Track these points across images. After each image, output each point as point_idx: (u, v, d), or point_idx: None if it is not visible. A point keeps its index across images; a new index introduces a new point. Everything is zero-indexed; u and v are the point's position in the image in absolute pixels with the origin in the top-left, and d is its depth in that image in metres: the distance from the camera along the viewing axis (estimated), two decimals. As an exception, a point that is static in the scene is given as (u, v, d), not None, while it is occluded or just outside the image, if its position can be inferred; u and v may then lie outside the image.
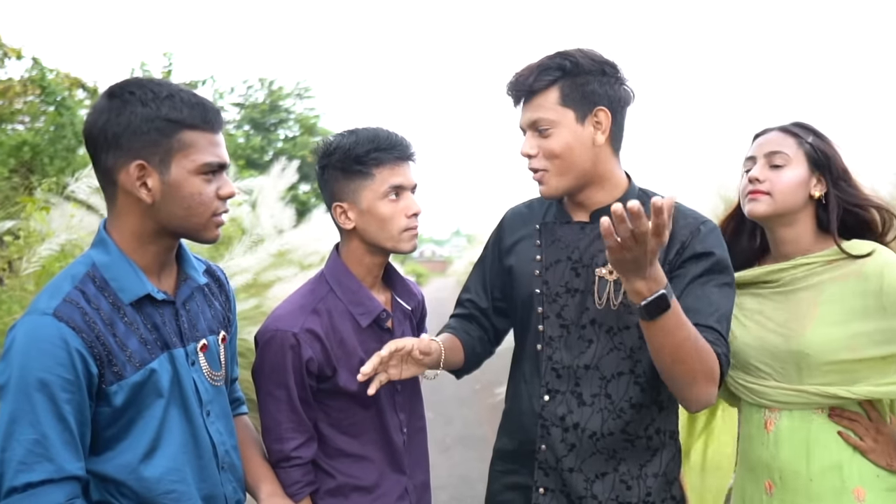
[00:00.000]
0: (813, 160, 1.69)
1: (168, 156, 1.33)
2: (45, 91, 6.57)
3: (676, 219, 1.60)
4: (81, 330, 1.29)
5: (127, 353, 1.34)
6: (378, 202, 1.61)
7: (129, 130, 1.32)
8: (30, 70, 6.62)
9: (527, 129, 1.62)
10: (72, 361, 1.27)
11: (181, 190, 1.35)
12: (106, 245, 1.38)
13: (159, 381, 1.38)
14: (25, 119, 6.73)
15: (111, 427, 1.35)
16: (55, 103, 6.58)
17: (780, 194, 1.67)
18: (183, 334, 1.44)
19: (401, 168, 1.62)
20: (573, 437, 1.61)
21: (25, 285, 3.31)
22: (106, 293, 1.35)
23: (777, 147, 1.70)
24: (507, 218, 1.84)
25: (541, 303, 1.66)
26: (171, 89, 1.37)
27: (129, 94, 1.34)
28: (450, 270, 35.50)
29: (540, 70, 1.58)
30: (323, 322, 1.61)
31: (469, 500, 4.37)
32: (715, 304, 1.54)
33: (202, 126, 1.36)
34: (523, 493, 1.66)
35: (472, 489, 4.46)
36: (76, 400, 1.28)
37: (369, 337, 1.64)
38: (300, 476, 1.60)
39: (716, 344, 1.49)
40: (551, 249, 1.68)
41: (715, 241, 1.59)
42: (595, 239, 1.62)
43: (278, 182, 6.62)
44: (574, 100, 1.57)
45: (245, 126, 15.16)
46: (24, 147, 6.09)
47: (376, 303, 1.65)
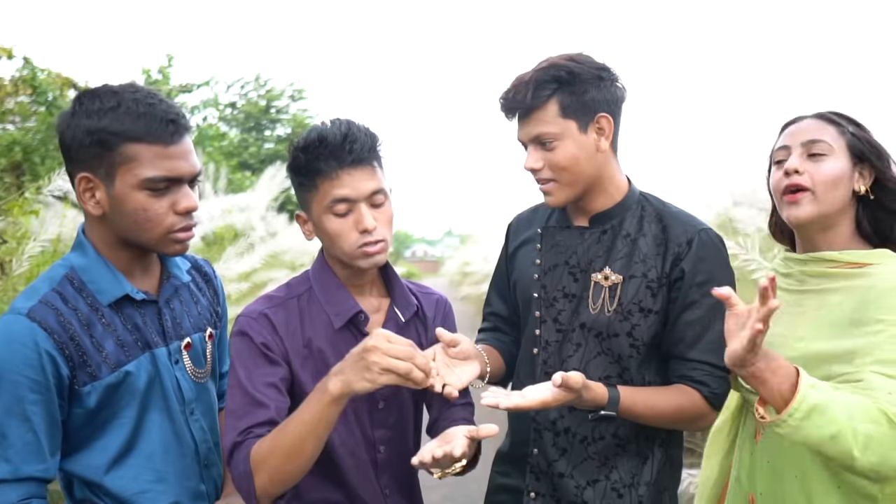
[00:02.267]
0: (856, 151, 1.48)
1: (112, 169, 1.30)
2: (37, 91, 6.54)
3: (671, 227, 1.59)
4: (54, 331, 1.29)
5: (103, 355, 1.34)
6: (323, 217, 1.43)
7: (75, 142, 1.31)
8: (21, 70, 6.59)
9: (528, 143, 1.58)
10: (41, 362, 1.27)
11: (125, 205, 1.32)
12: (84, 248, 1.39)
13: (135, 383, 1.38)
14: (16, 119, 6.70)
15: (86, 427, 1.36)
16: (46, 103, 6.55)
17: (822, 188, 1.46)
18: (166, 333, 1.44)
19: (345, 177, 1.40)
20: (564, 441, 1.60)
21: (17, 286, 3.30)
22: (84, 295, 1.36)
23: (816, 135, 1.49)
24: (513, 224, 1.84)
25: (538, 307, 1.66)
26: (121, 99, 1.31)
27: (80, 104, 1.32)
28: (442, 270, 35.49)
29: (535, 85, 1.53)
30: (288, 317, 1.47)
31: (461, 499, 4.38)
32: (707, 330, 1.54)
33: (146, 139, 1.30)
34: (515, 496, 1.66)
35: (465, 488, 4.46)
36: (44, 400, 1.28)
37: (346, 341, 1.48)
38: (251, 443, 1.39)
39: (701, 382, 1.53)
40: (550, 254, 1.67)
41: (710, 255, 1.57)
42: (593, 244, 1.63)
43: (270, 185, 6.61)
44: (574, 110, 1.54)
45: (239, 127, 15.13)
46: (15, 147, 6.06)
47: (352, 302, 1.49)
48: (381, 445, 1.54)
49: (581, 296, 1.61)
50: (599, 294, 1.59)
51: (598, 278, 1.59)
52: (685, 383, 1.55)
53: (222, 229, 6.10)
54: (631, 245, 1.60)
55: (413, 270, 39.53)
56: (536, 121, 1.55)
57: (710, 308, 1.53)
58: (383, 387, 1.43)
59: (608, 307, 1.58)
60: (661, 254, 1.57)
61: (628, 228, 1.61)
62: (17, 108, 6.51)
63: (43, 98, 6.56)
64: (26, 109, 6.53)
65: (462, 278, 18.22)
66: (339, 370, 1.30)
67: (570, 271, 1.64)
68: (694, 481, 3.21)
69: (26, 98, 6.60)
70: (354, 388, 1.28)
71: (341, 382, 1.28)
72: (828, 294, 1.48)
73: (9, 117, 6.55)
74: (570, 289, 1.63)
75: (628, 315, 1.56)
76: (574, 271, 1.63)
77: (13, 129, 6.45)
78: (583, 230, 1.65)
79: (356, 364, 1.28)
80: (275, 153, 13.87)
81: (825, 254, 1.50)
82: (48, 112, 6.53)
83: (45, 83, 6.62)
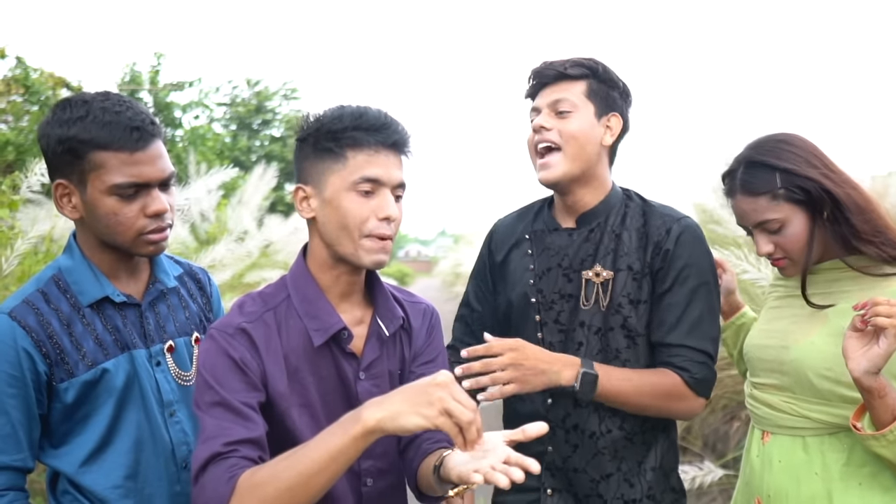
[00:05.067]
0: (798, 201, 1.47)
1: (83, 176, 1.36)
2: (29, 90, 6.53)
3: (651, 219, 1.66)
4: (32, 330, 1.36)
5: (81, 353, 1.40)
6: (343, 193, 1.31)
7: (49, 150, 1.38)
8: (13, 69, 6.58)
9: (545, 108, 1.65)
10: (18, 359, 1.34)
11: (97, 210, 1.38)
12: (71, 251, 1.46)
13: (112, 381, 1.42)
14: (9, 119, 6.68)
15: (65, 423, 1.41)
16: (39, 103, 6.54)
17: (796, 254, 1.51)
18: (147, 335, 1.48)
19: (381, 157, 1.31)
20: (575, 437, 1.65)
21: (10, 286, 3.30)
22: (67, 295, 1.42)
23: (759, 217, 1.51)
24: (497, 230, 1.87)
25: (537, 311, 1.69)
26: (90, 108, 1.36)
27: (53, 114, 1.38)
28: (435, 271, 35.46)
29: (573, 62, 1.65)
30: (268, 333, 1.33)
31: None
32: (684, 314, 1.59)
33: (113, 146, 1.34)
34: (529, 495, 1.69)
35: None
36: (21, 395, 1.35)
37: (325, 359, 1.36)
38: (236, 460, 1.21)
39: (682, 367, 1.58)
40: (543, 257, 1.72)
41: (688, 240, 1.63)
42: (582, 243, 1.68)
43: (260, 184, 6.62)
44: (597, 97, 1.65)
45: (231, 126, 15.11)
46: (8, 147, 6.05)
47: (335, 318, 1.35)
48: (369, 478, 1.41)
49: (577, 295, 1.66)
50: (592, 291, 1.64)
51: (590, 275, 1.65)
52: (667, 368, 1.60)
53: (214, 228, 6.12)
54: (616, 240, 1.66)
55: (406, 270, 39.46)
56: (563, 89, 1.64)
57: (689, 292, 1.60)
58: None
59: (602, 303, 1.63)
60: (643, 245, 1.64)
61: (613, 225, 1.67)
62: (10, 108, 6.49)
63: (36, 98, 6.55)
64: (19, 109, 6.51)
65: (455, 278, 18.25)
66: (382, 400, 1.11)
67: (564, 272, 1.68)
68: (686, 477, 3.25)
69: (19, 97, 6.59)
70: (400, 422, 1.07)
71: (384, 413, 1.08)
72: (838, 296, 1.50)
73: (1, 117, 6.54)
74: (565, 290, 1.68)
75: (619, 308, 1.62)
76: (568, 272, 1.68)
77: (6, 129, 6.44)
78: (571, 231, 1.71)
79: (415, 396, 1.08)
80: (268, 153, 13.86)
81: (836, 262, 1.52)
82: (41, 112, 6.52)
83: (38, 83, 6.61)
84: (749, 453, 1.65)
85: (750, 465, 1.63)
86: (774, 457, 1.55)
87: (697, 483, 3.26)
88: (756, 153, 1.52)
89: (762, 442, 1.60)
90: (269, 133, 15.48)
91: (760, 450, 1.60)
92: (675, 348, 1.60)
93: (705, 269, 1.63)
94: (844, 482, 1.45)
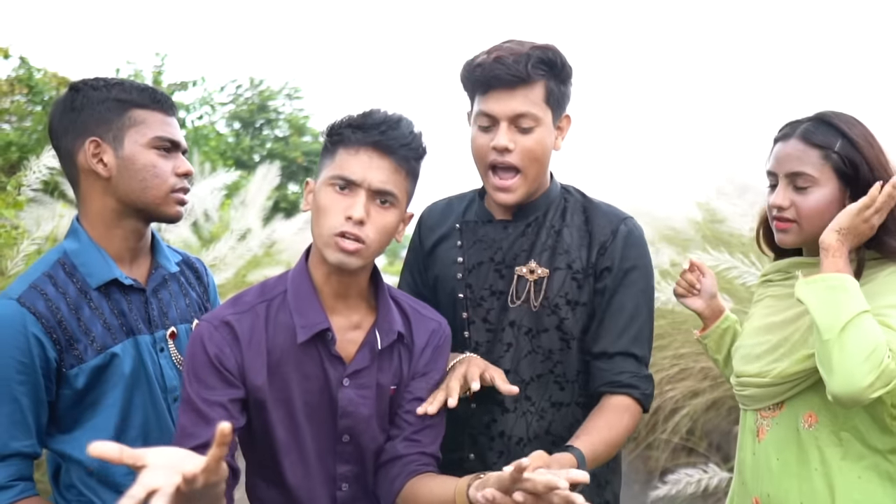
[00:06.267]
0: (843, 172, 1.48)
1: (121, 132, 1.42)
2: (33, 90, 6.53)
3: (596, 218, 1.57)
4: (42, 315, 1.35)
5: (90, 338, 1.40)
6: (324, 189, 1.33)
7: (83, 112, 1.43)
8: (17, 69, 6.58)
9: (503, 120, 1.46)
10: (28, 346, 1.34)
11: (135, 163, 1.43)
12: (77, 234, 1.46)
13: (121, 366, 1.42)
14: (12, 119, 6.69)
15: (75, 409, 1.41)
16: (42, 103, 6.54)
17: (808, 221, 1.49)
18: (151, 321, 1.49)
19: (362, 157, 1.31)
20: (500, 444, 1.57)
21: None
22: (74, 279, 1.42)
23: (798, 166, 1.49)
24: (425, 216, 1.74)
25: (465, 307, 1.58)
26: (121, 79, 1.49)
27: (83, 83, 1.46)
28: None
29: (534, 61, 1.45)
30: (254, 324, 1.35)
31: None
32: (632, 317, 1.52)
33: (151, 105, 1.46)
34: None
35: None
36: (30, 382, 1.35)
37: (310, 358, 1.36)
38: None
39: (630, 385, 1.49)
40: (473, 250, 1.60)
41: (635, 242, 1.56)
42: (518, 237, 1.57)
43: (263, 184, 6.63)
44: (554, 101, 1.50)
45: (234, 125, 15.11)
46: (12, 147, 6.06)
47: (321, 317, 1.34)
48: (344, 482, 1.41)
49: (507, 291, 1.56)
50: (524, 288, 1.54)
51: (523, 272, 1.54)
52: (614, 391, 1.50)
53: (218, 228, 6.12)
54: (555, 237, 1.56)
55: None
56: (524, 97, 1.45)
57: (635, 296, 1.53)
58: (347, 417, 1.37)
59: (533, 302, 1.54)
60: (585, 245, 1.55)
61: (552, 220, 1.57)
62: (14, 108, 6.51)
63: (39, 98, 6.56)
64: (22, 109, 6.52)
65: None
66: None
67: (496, 268, 1.57)
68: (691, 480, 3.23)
69: (22, 97, 6.60)
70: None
71: None
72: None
73: (5, 117, 6.55)
74: (496, 286, 1.56)
75: (555, 309, 1.53)
76: (500, 267, 1.57)
77: (9, 129, 6.45)
78: (506, 224, 1.59)
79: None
80: (270, 152, 13.86)
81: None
82: (44, 112, 6.52)
83: (42, 83, 6.61)
84: (743, 451, 1.63)
85: (745, 464, 1.61)
86: (772, 455, 1.53)
87: (703, 486, 3.20)
88: (830, 114, 1.52)
89: (757, 440, 1.58)
90: (273, 133, 15.48)
91: (756, 448, 1.58)
92: (618, 359, 1.51)
93: (650, 272, 1.57)
94: (844, 476, 1.45)
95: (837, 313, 1.35)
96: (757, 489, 1.56)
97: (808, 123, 1.52)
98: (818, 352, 1.39)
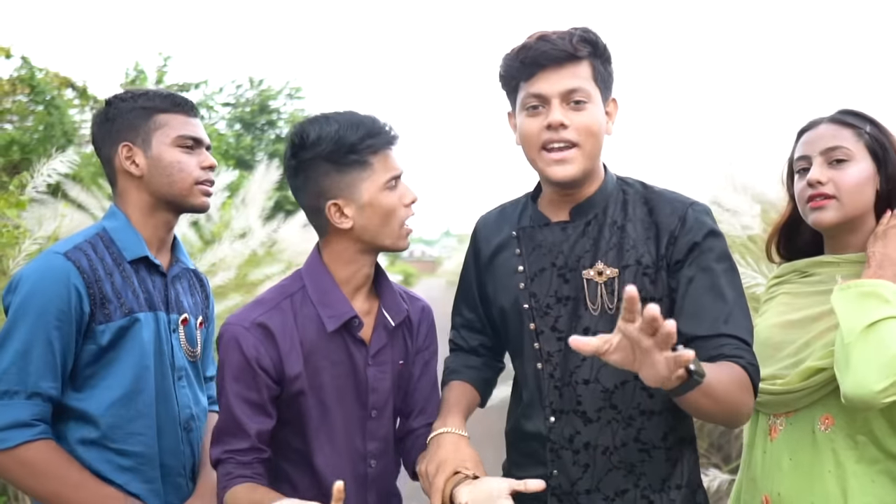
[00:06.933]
0: (875, 152, 1.49)
1: (148, 135, 1.62)
2: (35, 90, 6.55)
3: (661, 207, 1.48)
4: (84, 271, 1.50)
5: (120, 300, 1.54)
6: (380, 195, 1.43)
7: (115, 122, 1.63)
8: (19, 69, 6.60)
9: (555, 98, 1.42)
10: (69, 296, 1.47)
11: (162, 160, 1.61)
12: (116, 215, 1.63)
13: (141, 331, 1.56)
14: (14, 118, 6.71)
15: (93, 365, 1.52)
16: (44, 102, 6.56)
17: (848, 196, 1.47)
18: (169, 304, 1.65)
19: (392, 154, 1.47)
20: (585, 457, 1.47)
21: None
22: (111, 251, 1.58)
23: (834, 141, 1.50)
24: (480, 227, 1.67)
25: (532, 318, 1.51)
26: (147, 89, 1.70)
27: (114, 97, 1.67)
28: (440, 271, 35.50)
29: (580, 38, 1.42)
30: (284, 319, 1.44)
31: None
32: (724, 302, 1.40)
33: (173, 109, 1.65)
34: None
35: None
36: (65, 329, 1.47)
37: (337, 345, 1.47)
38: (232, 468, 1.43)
39: (737, 356, 1.34)
40: (534, 257, 1.53)
41: (707, 225, 1.45)
42: (579, 238, 1.49)
43: (264, 183, 6.64)
44: (602, 80, 1.45)
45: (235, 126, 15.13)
46: (13, 147, 6.08)
47: (347, 307, 1.46)
48: (373, 459, 1.51)
49: (576, 297, 1.47)
50: (596, 292, 1.46)
51: (591, 275, 1.46)
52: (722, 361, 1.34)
53: (218, 227, 6.12)
54: (620, 233, 1.47)
55: (411, 270, 39.48)
56: (573, 74, 1.41)
57: (719, 275, 1.42)
58: (374, 394, 1.50)
59: (608, 305, 1.45)
60: (651, 237, 1.46)
61: (613, 216, 1.49)
62: (15, 108, 6.52)
63: (41, 97, 6.57)
64: (24, 109, 6.54)
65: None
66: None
67: (559, 273, 1.49)
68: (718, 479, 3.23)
69: (24, 97, 6.61)
70: None
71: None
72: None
73: (7, 117, 6.57)
74: (562, 292, 1.48)
75: None
76: (563, 272, 1.49)
77: (11, 129, 6.47)
78: (564, 225, 1.51)
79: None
80: (272, 152, 13.87)
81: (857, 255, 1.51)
82: (46, 111, 6.54)
83: (43, 82, 6.63)
84: (753, 448, 1.61)
85: (755, 462, 1.59)
86: (784, 455, 1.51)
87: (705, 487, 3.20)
88: (857, 109, 1.55)
89: (770, 438, 1.55)
90: (274, 132, 15.49)
91: (768, 446, 1.56)
92: (717, 338, 1.37)
93: (727, 253, 1.45)
94: (858, 479, 1.43)
95: (861, 317, 1.35)
96: (767, 487, 1.54)
97: (838, 111, 1.55)
98: (837, 354, 1.37)
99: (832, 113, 1.56)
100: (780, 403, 1.52)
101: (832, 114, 1.55)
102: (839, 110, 1.55)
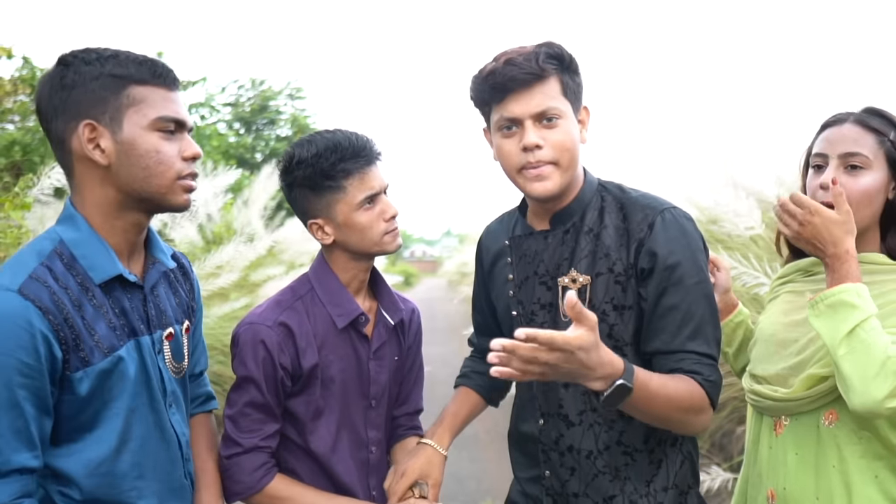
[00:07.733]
0: (892, 161, 1.49)
1: (118, 112, 1.26)
2: (36, 90, 6.56)
3: (633, 213, 1.49)
4: (48, 311, 1.19)
5: (95, 339, 1.25)
6: (354, 214, 1.55)
7: (74, 91, 1.25)
8: (20, 69, 6.60)
9: (527, 119, 1.44)
10: (34, 344, 1.17)
11: (136, 148, 1.27)
12: (75, 221, 1.30)
13: (127, 370, 1.29)
14: (15, 118, 6.71)
15: (76, 417, 1.26)
16: (46, 103, 6.56)
17: (856, 204, 1.47)
18: (150, 321, 1.36)
19: (369, 174, 1.55)
20: (571, 460, 1.52)
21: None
22: (74, 272, 1.26)
23: (854, 147, 1.49)
24: (483, 238, 1.75)
25: (519, 323, 1.55)
26: (116, 51, 1.30)
27: (73, 57, 1.28)
28: (441, 271, 35.50)
29: (545, 55, 1.44)
30: (300, 319, 1.57)
31: (461, 496, 4.39)
32: (687, 316, 1.43)
33: (152, 81, 1.29)
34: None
35: (462, 486, 4.49)
36: (35, 386, 1.19)
37: (344, 341, 1.61)
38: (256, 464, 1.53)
39: (694, 371, 1.40)
40: (521, 266, 1.58)
41: (675, 234, 1.45)
42: (557, 247, 1.53)
43: (267, 184, 6.65)
44: (571, 93, 1.47)
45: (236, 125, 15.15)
46: (15, 147, 6.08)
47: (355, 305, 1.60)
48: (373, 446, 1.66)
49: (556, 304, 1.51)
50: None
51: (566, 282, 1.50)
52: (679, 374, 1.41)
53: (220, 227, 6.14)
54: (595, 241, 1.50)
55: (412, 271, 39.49)
56: (542, 94, 1.44)
57: (687, 291, 1.43)
58: (375, 385, 1.64)
59: None
60: (623, 244, 1.47)
61: (590, 223, 1.51)
62: (17, 108, 6.52)
63: (42, 97, 6.57)
64: (25, 109, 6.53)
65: (461, 278, 18.22)
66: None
67: (542, 280, 1.54)
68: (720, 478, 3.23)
69: (25, 97, 6.62)
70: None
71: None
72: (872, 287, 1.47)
73: (8, 117, 6.57)
74: (544, 299, 1.53)
75: (604, 316, 1.45)
76: (545, 280, 1.53)
77: (12, 129, 6.47)
78: (545, 234, 1.55)
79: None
80: (273, 152, 13.88)
81: (867, 255, 1.51)
82: (47, 112, 6.53)
83: (45, 83, 6.63)
84: (758, 443, 1.62)
85: (761, 457, 1.60)
86: (790, 449, 1.53)
87: (705, 488, 3.19)
88: (884, 110, 1.54)
89: (774, 433, 1.56)
90: (275, 132, 15.50)
91: (773, 441, 1.57)
92: (680, 354, 1.42)
93: (698, 264, 1.45)
94: (862, 475, 1.45)
95: (838, 330, 1.37)
96: (773, 482, 1.56)
97: (864, 111, 1.54)
98: (836, 371, 1.39)
99: (859, 111, 1.55)
100: (783, 409, 1.54)
101: (858, 112, 1.54)
102: (865, 109, 1.54)
